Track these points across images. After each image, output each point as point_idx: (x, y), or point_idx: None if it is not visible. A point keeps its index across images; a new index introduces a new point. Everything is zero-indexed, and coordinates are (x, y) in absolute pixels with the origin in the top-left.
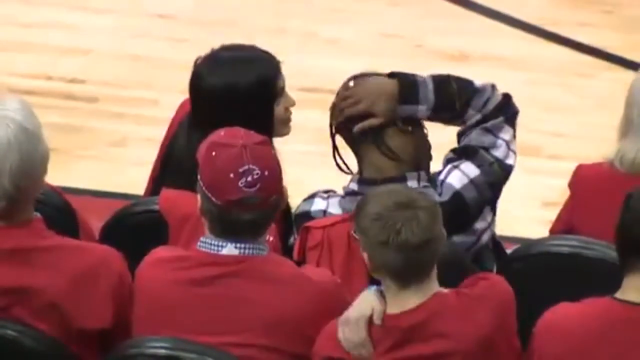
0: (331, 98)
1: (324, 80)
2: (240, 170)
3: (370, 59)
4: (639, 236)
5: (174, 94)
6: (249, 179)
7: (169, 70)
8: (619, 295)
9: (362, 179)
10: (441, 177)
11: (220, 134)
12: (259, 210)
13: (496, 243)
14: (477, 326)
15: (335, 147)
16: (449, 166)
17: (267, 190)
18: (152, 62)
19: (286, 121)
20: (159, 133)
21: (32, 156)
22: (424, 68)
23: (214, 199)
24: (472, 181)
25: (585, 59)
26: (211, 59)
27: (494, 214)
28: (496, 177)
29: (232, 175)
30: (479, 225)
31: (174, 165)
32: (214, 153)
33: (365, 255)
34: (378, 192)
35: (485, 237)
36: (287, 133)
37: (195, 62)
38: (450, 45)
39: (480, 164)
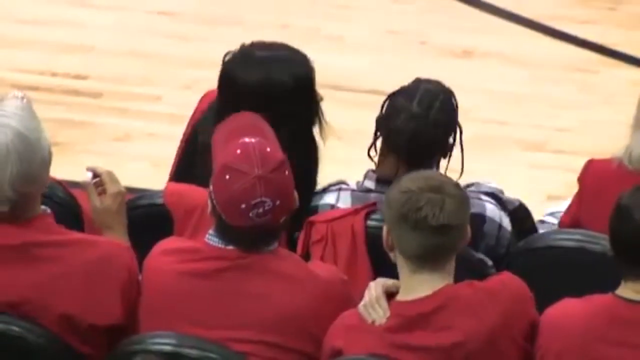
0: (336, 94)
1: (327, 77)
2: (253, 202)
3: (374, 56)
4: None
5: (177, 90)
6: (260, 210)
7: (172, 66)
8: (619, 292)
9: (380, 179)
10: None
11: (235, 154)
12: (267, 230)
13: None
14: (482, 320)
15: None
16: (495, 201)
17: (277, 216)
18: (154, 58)
19: None
20: (162, 128)
21: (31, 161)
22: (428, 65)
23: (224, 217)
24: (500, 225)
25: (589, 55)
26: (245, 56)
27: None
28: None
29: (243, 206)
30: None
31: (199, 156)
32: (227, 177)
33: (384, 230)
34: (415, 173)
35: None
36: None
37: (224, 58)
38: (454, 42)
39: (518, 231)
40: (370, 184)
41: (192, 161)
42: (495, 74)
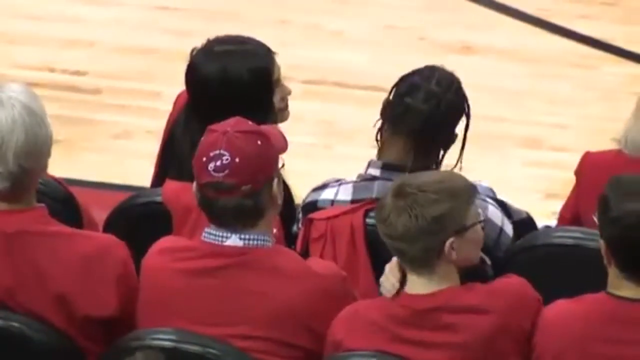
0: (335, 90)
1: (327, 73)
2: (211, 154)
3: (374, 51)
4: None
5: (177, 86)
6: (218, 163)
7: (171, 62)
8: (613, 290)
9: (386, 165)
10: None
11: (224, 122)
12: (232, 197)
13: None
14: (483, 321)
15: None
16: (500, 207)
17: (236, 177)
18: (154, 54)
19: (283, 109)
20: (162, 125)
21: (36, 135)
22: (427, 60)
23: (195, 180)
24: (501, 229)
25: (587, 51)
26: (207, 51)
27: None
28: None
29: (204, 159)
30: None
31: (175, 158)
32: (203, 137)
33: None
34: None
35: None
36: (285, 119)
37: (191, 53)
38: (453, 37)
39: (518, 236)
40: (374, 171)
41: (171, 165)
42: (493, 70)
